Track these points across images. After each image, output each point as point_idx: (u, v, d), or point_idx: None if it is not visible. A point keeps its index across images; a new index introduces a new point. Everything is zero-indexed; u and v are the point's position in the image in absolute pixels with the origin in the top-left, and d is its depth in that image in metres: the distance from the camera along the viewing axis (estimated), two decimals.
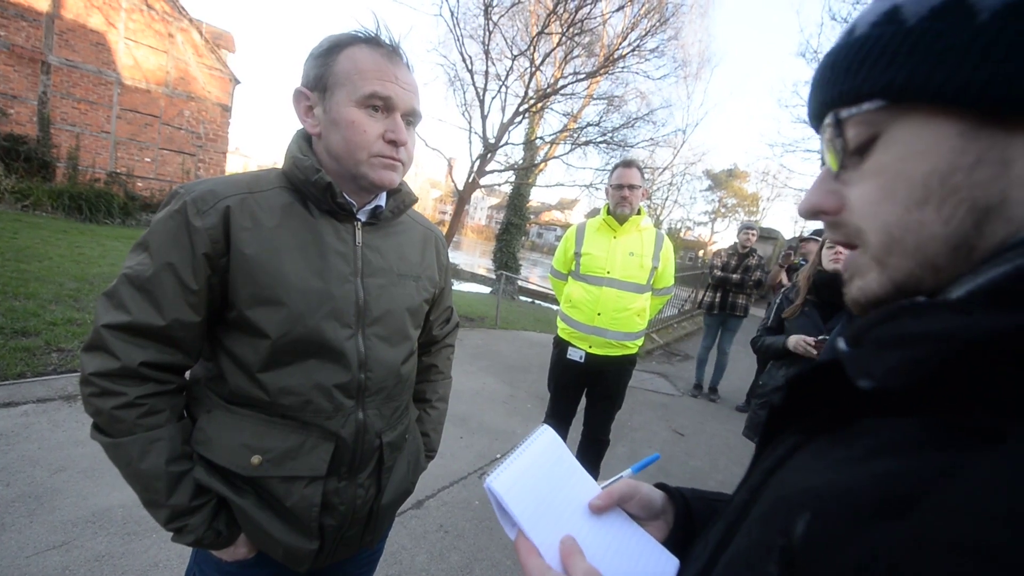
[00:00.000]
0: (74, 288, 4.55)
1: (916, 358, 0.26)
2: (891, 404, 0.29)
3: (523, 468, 0.50)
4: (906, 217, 0.29)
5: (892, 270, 0.31)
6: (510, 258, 15.30)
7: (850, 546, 0.24)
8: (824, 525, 0.26)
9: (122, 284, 0.72)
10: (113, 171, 10.90)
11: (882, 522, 0.23)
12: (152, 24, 10.86)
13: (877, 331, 0.29)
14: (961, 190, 0.27)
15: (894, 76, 0.28)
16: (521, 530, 0.46)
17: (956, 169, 0.27)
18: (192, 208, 0.72)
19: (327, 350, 0.78)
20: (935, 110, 0.28)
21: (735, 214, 38.31)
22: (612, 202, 2.25)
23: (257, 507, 0.78)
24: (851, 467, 0.28)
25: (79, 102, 10.25)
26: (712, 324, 4.97)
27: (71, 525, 1.85)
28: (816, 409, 0.35)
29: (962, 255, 0.28)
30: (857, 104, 0.31)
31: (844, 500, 0.26)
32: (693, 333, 8.39)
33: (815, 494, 0.28)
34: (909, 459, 0.25)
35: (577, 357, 2.31)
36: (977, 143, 0.27)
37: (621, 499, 0.54)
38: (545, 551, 0.44)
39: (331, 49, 0.76)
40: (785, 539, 0.27)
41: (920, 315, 0.27)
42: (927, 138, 0.28)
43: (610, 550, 0.48)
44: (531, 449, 0.52)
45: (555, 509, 0.49)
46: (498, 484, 0.47)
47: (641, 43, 8.99)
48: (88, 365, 0.71)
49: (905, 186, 0.29)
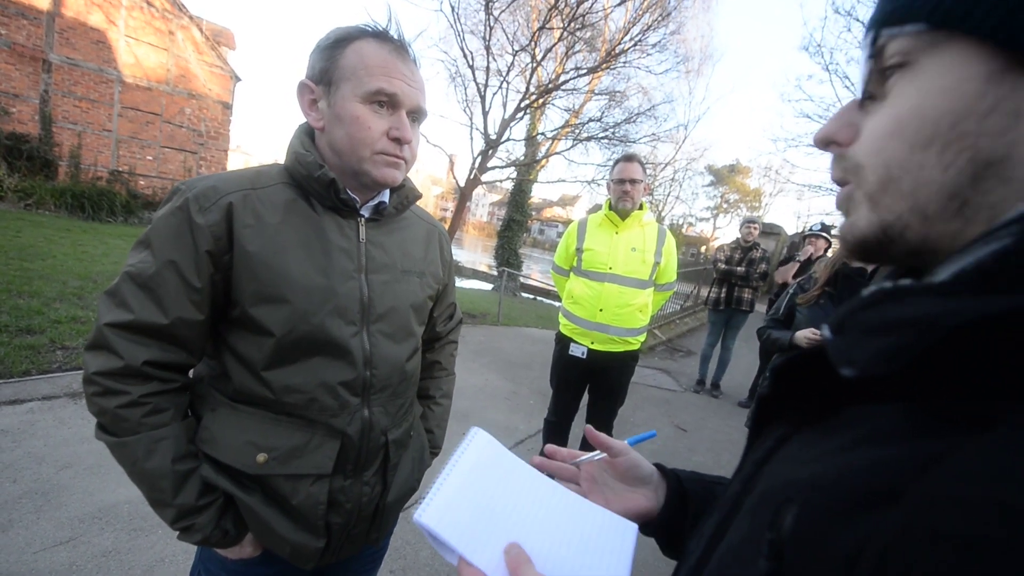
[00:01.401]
0: (78, 286, 4.56)
1: (900, 345, 0.25)
2: (878, 392, 0.28)
3: (453, 490, 0.47)
4: (908, 157, 0.28)
5: (883, 210, 0.30)
6: (512, 255, 15.29)
7: (839, 538, 0.24)
8: (812, 518, 0.26)
9: (124, 282, 0.72)
10: (115, 169, 10.91)
11: (870, 513, 0.23)
12: (152, 21, 10.84)
13: (860, 317, 0.28)
14: (968, 137, 0.26)
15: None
16: (461, 556, 0.43)
17: (971, 113, 0.26)
18: (194, 205, 0.71)
19: (332, 347, 0.78)
20: (970, 46, 0.26)
21: (737, 210, 38.20)
22: (614, 197, 2.24)
23: (264, 505, 0.78)
24: (838, 457, 0.28)
25: (80, 100, 10.25)
26: (717, 320, 4.94)
27: (77, 521, 1.86)
28: (804, 398, 0.35)
29: (953, 207, 0.27)
30: (900, 25, 0.29)
31: (831, 492, 0.26)
32: (696, 329, 8.38)
33: (803, 486, 0.28)
34: (895, 448, 0.25)
35: (579, 353, 2.30)
36: (999, 89, 0.25)
37: (611, 451, 0.57)
38: (491, 571, 0.42)
39: (338, 42, 0.75)
40: (774, 533, 0.27)
41: (903, 300, 0.26)
42: (955, 75, 0.27)
43: (563, 541, 0.47)
44: (460, 463, 0.49)
45: (496, 520, 0.46)
46: (427, 517, 0.44)
47: (643, 38, 8.92)
48: (91, 364, 0.71)
49: (916, 124, 0.28)
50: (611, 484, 0.58)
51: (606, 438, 0.58)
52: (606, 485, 0.58)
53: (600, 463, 0.60)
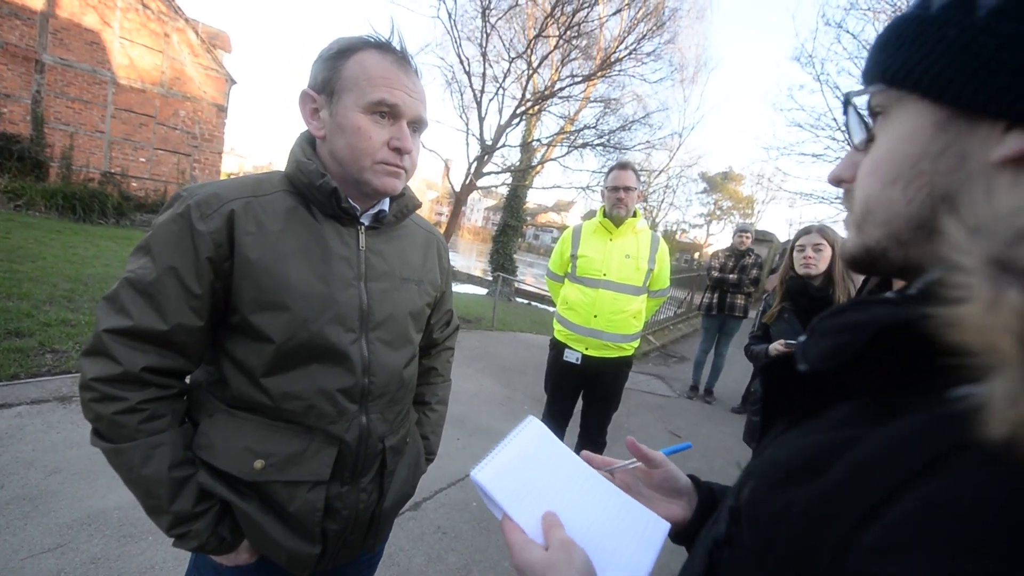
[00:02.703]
0: (68, 289, 4.51)
1: (839, 344, 0.30)
2: (850, 390, 0.33)
3: (507, 458, 0.54)
4: (880, 192, 0.33)
5: (865, 236, 0.35)
6: (506, 260, 15.30)
7: (773, 504, 0.29)
8: (760, 488, 0.32)
9: (124, 288, 0.72)
10: (107, 171, 10.82)
11: (801, 482, 0.28)
12: (148, 23, 10.80)
13: (826, 323, 0.33)
14: (924, 175, 0.30)
15: (895, 63, 0.31)
16: (505, 513, 0.50)
17: (926, 155, 0.30)
18: (196, 211, 0.72)
19: (331, 355, 0.79)
20: (920, 99, 0.30)
21: (730, 217, 38.48)
22: (608, 204, 2.26)
23: (260, 511, 0.78)
24: (794, 443, 0.33)
25: (73, 101, 10.18)
26: (710, 327, 4.97)
27: (66, 528, 1.84)
28: (797, 399, 0.39)
29: (923, 234, 0.31)
30: (873, 83, 0.33)
31: (779, 468, 0.32)
32: (689, 335, 8.42)
33: (763, 465, 0.34)
34: (832, 433, 0.30)
35: (574, 359, 2.31)
36: (946, 135, 0.29)
37: (650, 462, 0.60)
38: (529, 529, 0.48)
39: (340, 53, 0.76)
40: (735, 501, 0.34)
41: (861, 308, 0.31)
42: (911, 124, 0.31)
43: (596, 522, 0.52)
44: (516, 440, 0.57)
45: (539, 491, 0.53)
46: (482, 476, 0.51)
47: (638, 47, 9.03)
48: (89, 370, 0.71)
49: (887, 164, 0.32)
50: (645, 493, 0.60)
51: (645, 449, 0.59)
52: (640, 494, 0.60)
53: (635, 472, 0.61)
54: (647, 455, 0.60)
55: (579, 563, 0.45)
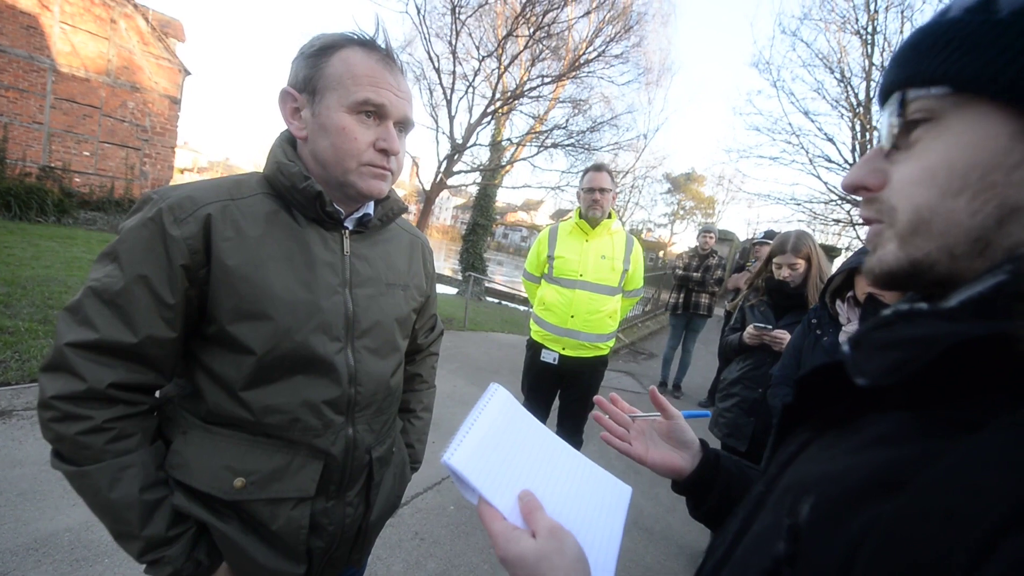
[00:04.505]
0: (4, 293, 4.17)
1: (905, 359, 0.29)
2: (888, 401, 0.32)
3: (478, 437, 0.52)
4: (939, 203, 0.31)
5: (913, 248, 0.33)
6: (477, 259, 15.23)
7: (849, 522, 0.27)
8: (827, 505, 0.30)
9: (87, 298, 0.66)
10: (46, 165, 10.05)
11: (877, 500, 0.27)
12: (92, 8, 10.10)
13: (875, 335, 0.33)
14: (996, 187, 0.29)
15: (967, 65, 0.29)
16: (481, 496, 0.48)
17: (998, 167, 0.29)
18: (168, 215, 0.67)
19: (316, 365, 0.75)
20: (995, 106, 0.29)
21: (693, 216, 39.65)
22: (584, 206, 2.28)
23: (241, 532, 0.74)
24: (852, 456, 0.32)
25: (7, 90, 9.39)
26: (677, 324, 5.12)
27: (9, 555, 1.69)
28: (825, 407, 0.38)
29: (979, 247, 0.30)
30: (926, 87, 0.32)
31: (845, 483, 0.30)
32: (657, 332, 8.63)
33: (820, 479, 0.32)
34: (901, 447, 0.29)
35: (551, 359, 2.33)
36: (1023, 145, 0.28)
37: (666, 412, 0.67)
38: (508, 512, 0.47)
39: (323, 50, 0.73)
40: (792, 519, 0.31)
41: (913, 322, 0.30)
42: (980, 132, 0.29)
43: (569, 494, 0.53)
44: (484, 415, 0.55)
45: (513, 469, 0.52)
46: (455, 460, 0.49)
47: (606, 49, 9.18)
48: (49, 387, 0.65)
49: (946, 173, 0.31)
50: (656, 440, 0.69)
51: (666, 402, 0.68)
52: (651, 440, 0.69)
53: (651, 422, 0.70)
54: (665, 407, 0.67)
55: (571, 552, 0.44)
